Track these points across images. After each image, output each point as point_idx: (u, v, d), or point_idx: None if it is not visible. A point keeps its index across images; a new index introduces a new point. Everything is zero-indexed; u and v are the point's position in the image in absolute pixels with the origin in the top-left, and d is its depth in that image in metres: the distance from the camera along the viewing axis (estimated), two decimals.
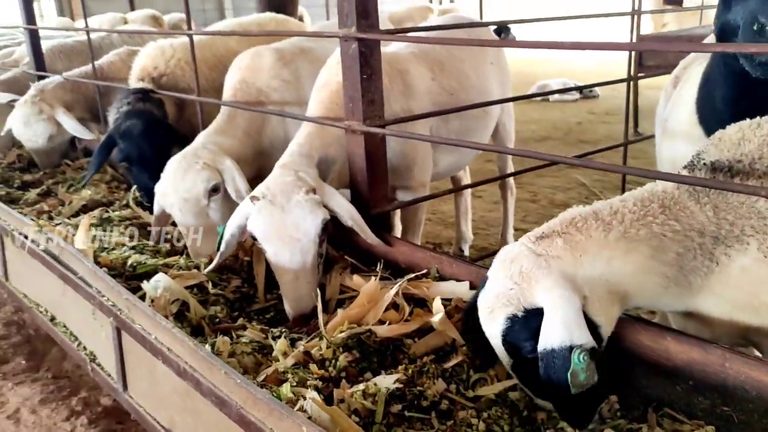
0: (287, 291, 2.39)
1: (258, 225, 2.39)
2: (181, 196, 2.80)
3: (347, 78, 2.54)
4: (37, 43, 5.23)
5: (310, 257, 2.38)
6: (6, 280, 3.04)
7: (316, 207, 2.38)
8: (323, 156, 2.69)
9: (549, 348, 1.59)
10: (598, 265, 1.65)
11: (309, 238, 2.36)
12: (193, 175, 2.80)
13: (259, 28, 4.26)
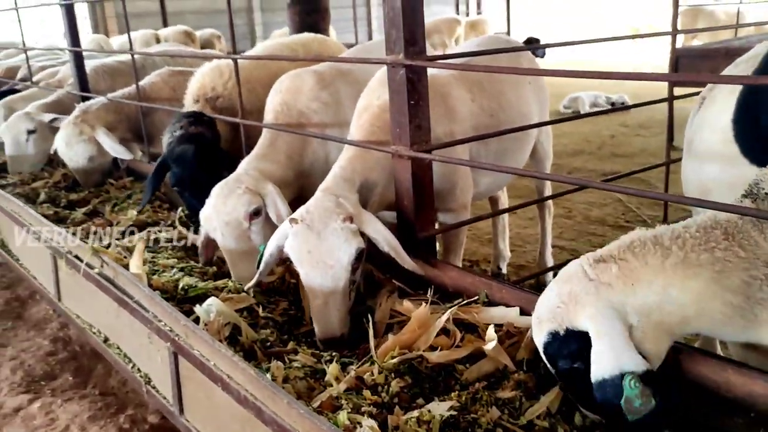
0: (316, 314, 2.44)
1: (293, 248, 2.45)
2: (223, 220, 2.85)
3: (395, 103, 2.57)
4: (81, 65, 5.37)
5: (341, 284, 2.41)
6: (58, 300, 3.11)
7: (351, 236, 2.42)
8: (364, 180, 2.72)
9: (600, 378, 1.62)
10: (652, 293, 1.66)
11: (341, 265, 2.40)
12: (234, 200, 2.86)
13: (304, 49, 4.32)
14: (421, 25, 2.50)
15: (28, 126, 5.10)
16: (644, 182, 6.18)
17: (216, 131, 3.70)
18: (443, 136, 2.82)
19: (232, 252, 2.90)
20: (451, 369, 2.14)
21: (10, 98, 5.96)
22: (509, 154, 3.47)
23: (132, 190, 4.56)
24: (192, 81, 4.07)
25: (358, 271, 2.51)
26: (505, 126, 3.21)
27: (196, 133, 3.64)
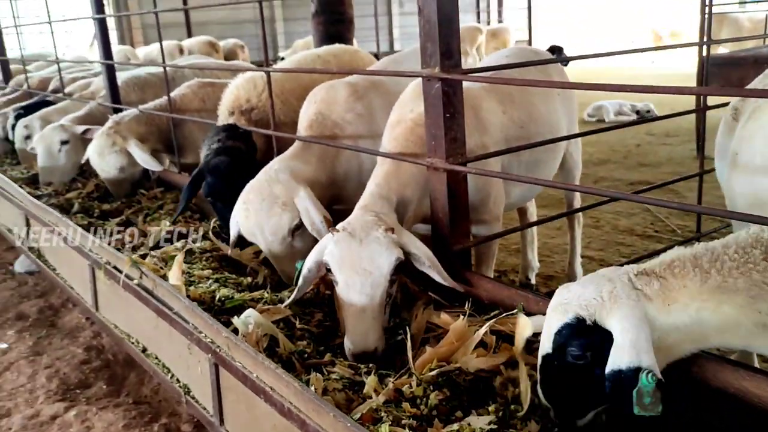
0: (351, 325, 2.41)
1: (333, 255, 2.45)
2: (268, 238, 2.95)
3: (430, 116, 2.59)
4: (113, 78, 5.46)
5: (379, 293, 2.40)
6: (96, 310, 3.16)
7: (392, 245, 2.42)
8: (401, 198, 2.74)
9: (617, 368, 1.69)
10: (685, 315, 1.71)
11: (381, 272, 2.40)
12: (276, 220, 2.93)
13: (336, 60, 4.37)
14: (456, 39, 2.52)
15: (61, 137, 5.20)
16: (673, 192, 6.13)
17: (251, 143, 3.75)
18: (476, 148, 2.83)
19: (278, 257, 3.01)
20: (488, 381, 2.14)
21: (46, 110, 6.08)
22: (540, 165, 3.47)
23: (163, 201, 4.63)
24: (226, 93, 4.12)
25: (395, 284, 2.51)
26: (535, 137, 3.22)
27: (232, 146, 3.70)
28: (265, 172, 3.11)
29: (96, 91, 6.33)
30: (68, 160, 5.26)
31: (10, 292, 5.23)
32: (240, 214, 3.02)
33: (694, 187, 4.78)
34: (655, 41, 24.39)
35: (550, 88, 3.59)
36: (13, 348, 4.32)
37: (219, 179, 3.47)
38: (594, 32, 28.47)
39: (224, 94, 4.14)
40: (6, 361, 4.15)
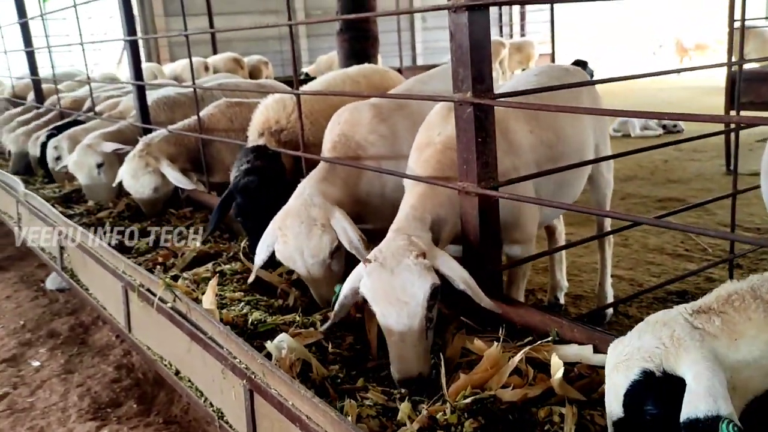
0: (393, 353, 2.40)
1: (368, 287, 2.43)
2: (309, 262, 2.95)
3: (461, 141, 2.59)
4: (144, 98, 5.54)
5: (417, 321, 2.36)
6: (129, 332, 3.19)
7: (425, 271, 2.38)
8: (436, 218, 2.72)
9: (694, 417, 1.58)
10: (755, 348, 1.63)
11: (416, 301, 2.36)
12: (316, 242, 2.93)
13: (365, 81, 4.41)
14: (488, 63, 2.53)
15: (96, 160, 5.27)
16: (703, 209, 6.06)
17: (281, 164, 3.78)
18: (505, 171, 2.82)
19: (316, 280, 3.02)
20: (523, 410, 2.12)
21: (74, 130, 6.18)
22: (568, 184, 3.47)
23: (192, 220, 4.67)
24: (256, 114, 4.16)
25: (434, 308, 2.47)
26: (564, 156, 3.20)
27: (261, 167, 3.73)
28: (297, 197, 3.13)
29: (124, 111, 6.43)
30: (108, 178, 5.33)
31: (41, 309, 5.32)
32: (276, 241, 3.01)
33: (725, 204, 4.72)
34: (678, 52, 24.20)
35: (578, 104, 3.59)
36: (45, 366, 4.38)
37: (248, 199, 3.50)
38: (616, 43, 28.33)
39: (254, 114, 4.18)
40: (39, 379, 4.21)
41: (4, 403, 3.95)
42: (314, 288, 3.06)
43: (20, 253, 6.75)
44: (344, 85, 4.44)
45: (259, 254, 3.08)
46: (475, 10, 2.43)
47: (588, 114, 3.50)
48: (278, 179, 3.71)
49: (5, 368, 4.38)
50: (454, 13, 2.47)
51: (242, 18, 17.92)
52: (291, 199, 3.15)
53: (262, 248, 3.08)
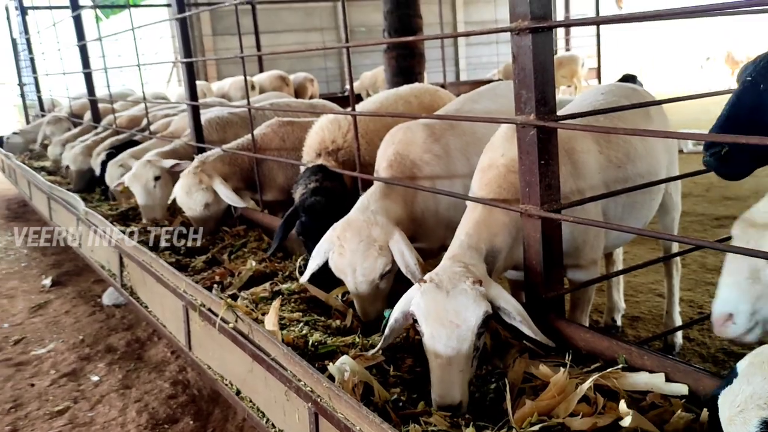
0: (436, 378, 2.37)
1: (420, 306, 2.42)
2: (359, 279, 2.99)
3: (524, 163, 2.57)
4: (198, 118, 5.65)
5: (466, 346, 2.34)
6: (189, 350, 3.24)
7: (480, 298, 2.37)
8: (490, 247, 2.70)
9: None
10: None
11: (468, 326, 2.34)
12: (371, 262, 2.96)
13: (417, 101, 4.43)
14: (551, 85, 2.51)
15: (154, 173, 5.40)
16: None
17: (344, 183, 3.83)
18: (571, 194, 2.79)
19: (363, 297, 3.04)
20: None
21: (135, 150, 6.36)
22: (638, 207, 3.37)
23: (246, 239, 4.73)
24: (311, 134, 4.21)
25: (482, 337, 2.46)
26: (633, 177, 3.13)
27: (327, 187, 3.78)
28: (361, 212, 3.16)
29: (176, 130, 6.57)
30: (163, 193, 5.46)
31: (99, 324, 5.44)
32: (333, 249, 3.05)
33: None
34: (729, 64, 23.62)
35: (647, 124, 3.52)
36: (104, 381, 4.48)
37: (313, 219, 3.55)
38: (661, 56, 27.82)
39: (309, 135, 4.23)
40: (98, 393, 4.30)
41: (65, 417, 4.05)
42: (359, 303, 3.10)
43: (78, 269, 6.95)
44: (396, 104, 4.46)
45: (314, 259, 3.12)
46: (539, 32, 2.42)
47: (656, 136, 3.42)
48: (343, 200, 3.75)
49: (66, 382, 4.49)
50: (517, 35, 2.46)
51: (287, 36, 18.21)
52: (354, 211, 3.18)
53: (319, 253, 3.12)
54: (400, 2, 8.61)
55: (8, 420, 4.03)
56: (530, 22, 2.39)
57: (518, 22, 2.43)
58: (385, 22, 8.87)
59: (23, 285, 6.70)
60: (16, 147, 10.63)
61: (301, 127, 4.88)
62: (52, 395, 4.32)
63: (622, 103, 3.35)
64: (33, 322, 5.67)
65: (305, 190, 3.65)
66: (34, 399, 4.28)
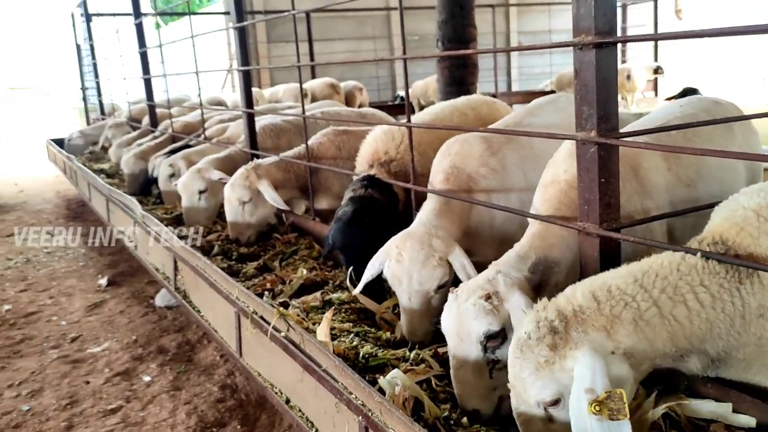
0: (454, 384, 2.50)
1: (443, 318, 2.56)
2: (414, 288, 2.96)
3: (583, 180, 2.52)
4: (253, 125, 5.74)
5: (473, 358, 2.43)
6: (240, 356, 3.27)
7: (482, 315, 2.42)
8: (542, 257, 2.68)
9: None
10: None
11: (470, 341, 2.43)
12: (429, 271, 2.95)
13: (473, 112, 4.42)
14: (614, 101, 2.45)
15: (200, 186, 5.51)
16: None
17: (392, 194, 3.83)
18: (635, 212, 2.72)
19: (413, 311, 3.00)
20: None
21: (188, 151, 6.48)
22: None
23: (297, 246, 4.77)
24: (365, 145, 4.23)
25: (501, 350, 2.45)
26: (705, 197, 2.99)
27: (365, 196, 3.78)
28: (423, 224, 3.18)
29: (232, 136, 6.69)
30: (207, 204, 5.57)
31: (152, 325, 5.55)
32: (390, 258, 3.04)
33: None
34: None
35: (728, 140, 3.35)
36: (155, 381, 4.56)
37: (343, 227, 3.59)
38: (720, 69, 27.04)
39: (362, 145, 4.25)
40: (149, 394, 4.38)
41: (118, 415, 4.13)
42: (407, 318, 3.03)
43: (132, 270, 7.12)
44: (452, 116, 4.45)
45: (369, 269, 3.12)
46: (603, 48, 2.37)
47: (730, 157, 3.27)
48: (384, 210, 3.74)
49: (119, 381, 4.59)
50: (580, 50, 2.42)
51: (340, 44, 18.38)
52: (414, 225, 3.21)
53: (374, 264, 3.12)
54: (454, 12, 8.59)
55: (64, 416, 4.14)
56: (594, 37, 2.34)
57: (582, 36, 2.38)
58: (438, 32, 8.87)
59: (81, 284, 6.90)
60: (77, 149, 10.99)
61: (356, 137, 4.91)
62: (106, 393, 4.42)
63: (700, 117, 3.24)
64: (89, 320, 5.82)
65: (345, 200, 3.68)
66: (89, 396, 4.38)
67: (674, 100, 3.87)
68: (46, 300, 6.45)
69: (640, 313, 1.93)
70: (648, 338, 1.92)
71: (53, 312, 6.09)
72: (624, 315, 1.93)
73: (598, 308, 1.95)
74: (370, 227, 3.63)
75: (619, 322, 1.92)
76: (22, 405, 4.30)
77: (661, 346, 1.93)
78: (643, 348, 1.92)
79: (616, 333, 1.92)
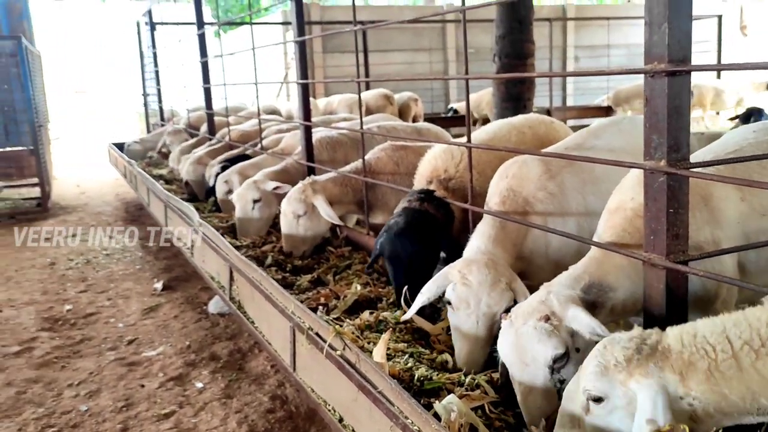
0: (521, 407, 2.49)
1: (501, 344, 2.54)
2: (483, 311, 2.92)
3: (650, 210, 2.46)
4: (310, 138, 5.80)
5: (539, 382, 2.41)
6: (293, 370, 3.29)
7: (546, 337, 2.40)
8: (596, 281, 2.64)
9: None
10: None
11: (537, 365, 2.41)
12: (498, 293, 2.92)
13: (531, 131, 4.38)
14: (686, 130, 2.38)
15: (254, 196, 5.59)
16: None
17: (447, 211, 3.82)
18: (705, 243, 2.64)
19: (473, 337, 2.94)
20: None
21: (243, 165, 6.60)
22: None
23: (351, 260, 4.79)
24: (423, 162, 4.24)
25: (566, 369, 2.44)
26: None
27: (421, 209, 3.77)
28: (481, 251, 3.16)
29: (287, 147, 6.77)
30: (261, 215, 5.65)
31: (204, 332, 5.65)
32: (454, 282, 2.97)
33: None
34: None
35: None
36: (207, 388, 4.63)
37: (392, 239, 3.59)
38: None
39: (422, 162, 4.26)
40: (201, 400, 4.45)
41: (171, 420, 4.21)
42: (464, 345, 2.96)
43: (186, 275, 7.27)
44: (510, 135, 4.41)
45: (424, 293, 3.04)
46: (676, 76, 2.32)
47: None
48: (435, 225, 3.71)
49: (173, 386, 4.68)
50: (651, 78, 2.36)
51: (395, 55, 18.45)
52: (472, 251, 3.19)
53: (431, 288, 3.04)
54: (513, 27, 8.52)
55: (120, 418, 4.24)
56: (667, 65, 2.28)
57: (654, 64, 2.33)
58: (496, 47, 8.81)
59: (137, 287, 7.07)
60: (136, 154, 11.32)
61: (414, 152, 4.92)
62: (160, 398, 4.51)
63: None
64: (145, 324, 5.96)
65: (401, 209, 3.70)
66: (143, 400, 4.48)
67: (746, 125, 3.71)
68: (105, 301, 6.64)
69: (716, 364, 1.90)
70: (721, 390, 1.88)
71: (111, 314, 6.26)
72: (699, 364, 1.92)
73: (681, 352, 1.96)
74: (420, 241, 3.62)
75: (694, 370, 1.91)
76: (80, 405, 4.43)
77: (738, 400, 1.88)
78: (715, 400, 1.88)
79: (689, 380, 1.91)
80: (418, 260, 3.62)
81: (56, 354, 5.32)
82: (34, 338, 5.67)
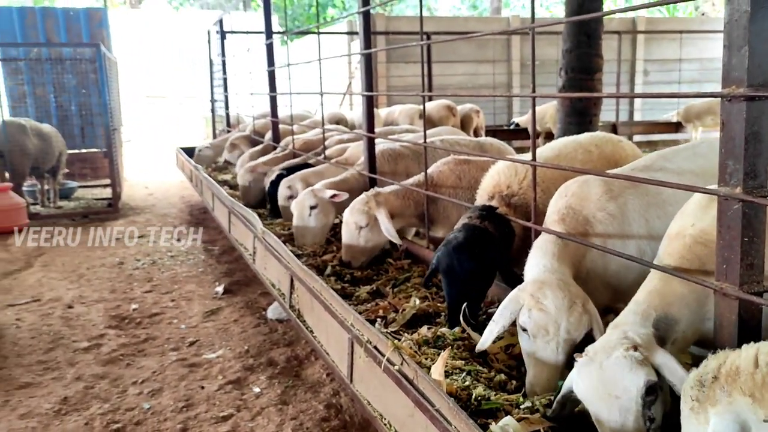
0: None
1: (578, 384, 2.39)
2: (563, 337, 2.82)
3: (723, 238, 2.38)
4: (373, 150, 5.85)
5: (632, 418, 2.25)
6: (350, 382, 3.32)
7: (637, 365, 2.27)
8: (662, 315, 2.56)
9: None
10: None
11: (629, 396, 2.25)
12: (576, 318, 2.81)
13: (597, 150, 4.31)
14: (764, 157, 2.30)
15: (311, 202, 5.67)
16: None
17: (508, 229, 3.79)
18: None
19: (548, 364, 2.85)
20: None
21: (305, 172, 6.70)
22: None
23: (410, 273, 4.79)
24: (487, 177, 4.23)
25: (655, 406, 2.31)
26: None
27: (480, 226, 3.75)
28: (548, 270, 3.08)
29: (350, 157, 6.83)
30: (317, 222, 5.72)
31: (263, 337, 5.76)
32: (529, 308, 2.87)
33: None
34: None
35: None
36: (264, 393, 4.71)
37: (449, 254, 3.57)
38: None
39: (485, 177, 4.24)
40: (258, 405, 4.54)
41: (229, 423, 4.30)
42: (537, 370, 2.88)
43: (246, 279, 7.43)
44: (576, 153, 4.35)
45: (498, 321, 2.93)
46: (756, 101, 2.24)
47: None
48: (491, 243, 3.68)
49: (231, 389, 4.79)
50: (729, 102, 2.30)
51: (458, 66, 18.40)
52: (536, 272, 3.11)
53: (504, 314, 2.93)
54: (580, 41, 8.41)
55: (180, 418, 4.36)
56: (746, 89, 2.21)
57: (732, 88, 2.26)
58: (562, 60, 8.70)
59: (199, 289, 7.27)
60: (205, 159, 11.62)
61: (477, 167, 4.90)
62: (219, 400, 4.61)
63: None
64: (206, 326, 6.11)
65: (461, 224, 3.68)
66: (203, 401, 4.60)
67: None
68: (168, 302, 6.85)
69: None
70: None
71: (174, 315, 6.45)
72: None
73: (753, 373, 1.86)
74: (478, 257, 3.59)
75: None
76: (143, 403, 4.58)
77: None
78: None
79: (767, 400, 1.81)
80: (473, 277, 3.59)
81: (122, 351, 5.52)
82: (102, 335, 5.90)
